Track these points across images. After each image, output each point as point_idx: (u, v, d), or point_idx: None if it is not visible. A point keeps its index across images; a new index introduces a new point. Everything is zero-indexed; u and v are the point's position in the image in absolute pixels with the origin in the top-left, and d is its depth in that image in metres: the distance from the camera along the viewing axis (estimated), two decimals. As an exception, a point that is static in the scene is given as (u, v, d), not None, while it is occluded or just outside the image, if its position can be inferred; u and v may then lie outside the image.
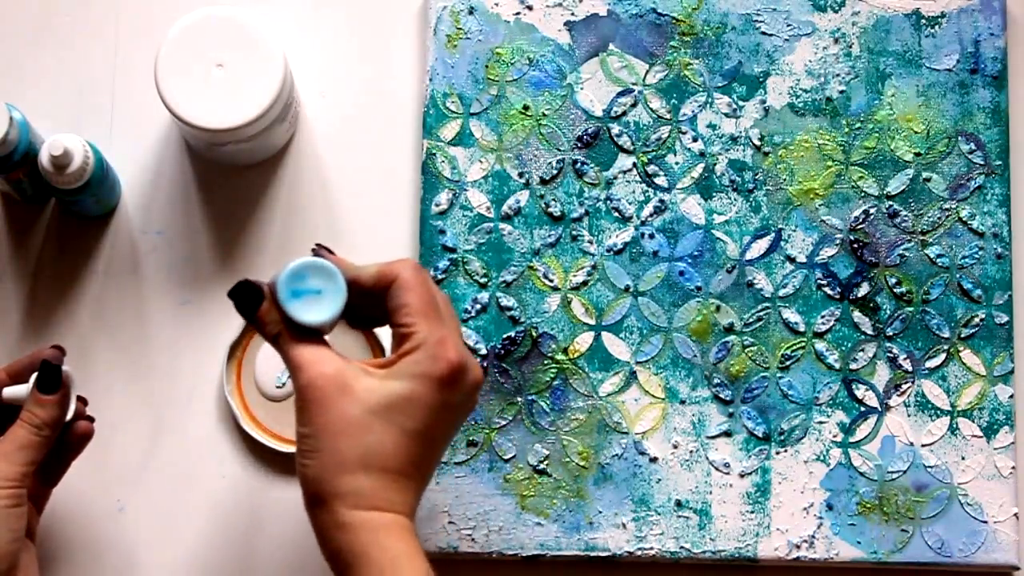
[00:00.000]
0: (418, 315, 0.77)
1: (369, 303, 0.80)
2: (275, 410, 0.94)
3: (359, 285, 0.79)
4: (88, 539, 0.94)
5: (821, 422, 0.93)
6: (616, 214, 0.94)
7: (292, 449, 0.93)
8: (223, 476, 0.94)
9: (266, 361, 0.94)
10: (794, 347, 0.93)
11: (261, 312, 0.78)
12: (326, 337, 0.79)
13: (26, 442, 0.82)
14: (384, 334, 0.94)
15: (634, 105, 0.95)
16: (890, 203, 0.95)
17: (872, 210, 0.94)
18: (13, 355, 0.94)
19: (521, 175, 0.95)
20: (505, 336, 0.93)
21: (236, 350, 0.94)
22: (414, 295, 0.78)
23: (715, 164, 0.95)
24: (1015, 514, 0.92)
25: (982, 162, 0.95)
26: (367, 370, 0.77)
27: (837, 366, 0.93)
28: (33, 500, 0.86)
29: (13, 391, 0.85)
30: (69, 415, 0.85)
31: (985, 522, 0.92)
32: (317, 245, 0.81)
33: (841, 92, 0.95)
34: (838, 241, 0.94)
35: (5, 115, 0.87)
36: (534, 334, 0.93)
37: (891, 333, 0.94)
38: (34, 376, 0.84)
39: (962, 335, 0.93)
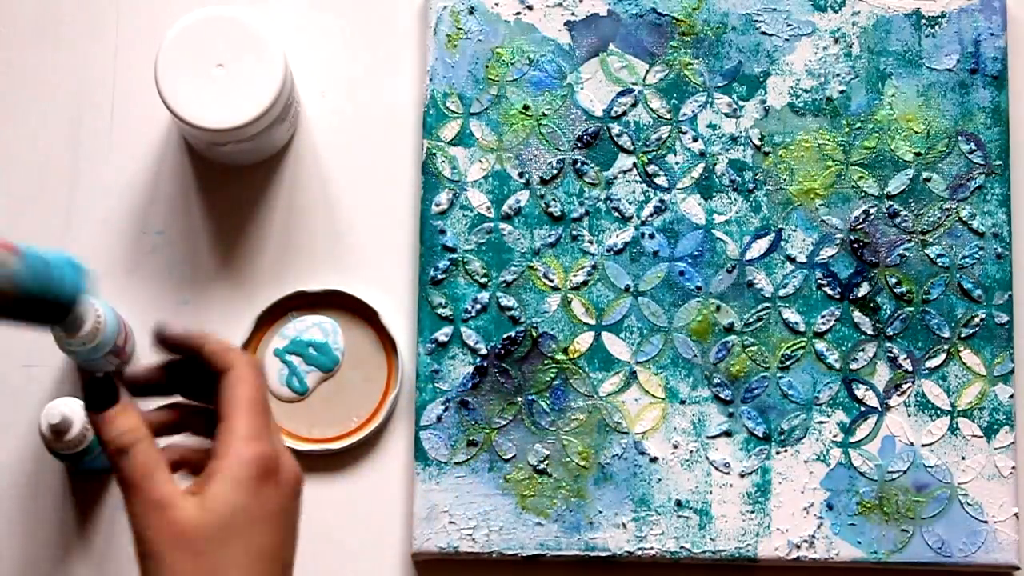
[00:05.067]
0: (243, 410, 0.69)
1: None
2: (277, 409, 0.94)
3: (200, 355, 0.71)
4: (89, 538, 0.93)
5: (821, 422, 0.93)
6: (616, 214, 0.94)
7: (292, 447, 0.93)
8: (223, 476, 0.94)
9: (268, 361, 0.94)
10: (794, 347, 0.93)
11: (112, 414, 0.68)
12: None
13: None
14: (393, 330, 0.94)
15: (634, 105, 0.95)
16: (890, 203, 0.95)
17: (872, 210, 0.94)
18: (12, 355, 0.94)
19: (521, 175, 0.95)
20: (505, 336, 0.93)
21: (236, 350, 0.94)
22: (247, 387, 0.69)
23: (715, 164, 0.95)
24: (1015, 514, 0.92)
25: (982, 162, 0.95)
26: (189, 493, 0.68)
27: (837, 366, 0.93)
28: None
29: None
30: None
31: (985, 522, 0.92)
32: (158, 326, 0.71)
33: (841, 92, 0.95)
34: (838, 241, 0.94)
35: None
36: (534, 334, 0.93)
37: (891, 333, 0.93)
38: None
39: (962, 335, 0.93)
